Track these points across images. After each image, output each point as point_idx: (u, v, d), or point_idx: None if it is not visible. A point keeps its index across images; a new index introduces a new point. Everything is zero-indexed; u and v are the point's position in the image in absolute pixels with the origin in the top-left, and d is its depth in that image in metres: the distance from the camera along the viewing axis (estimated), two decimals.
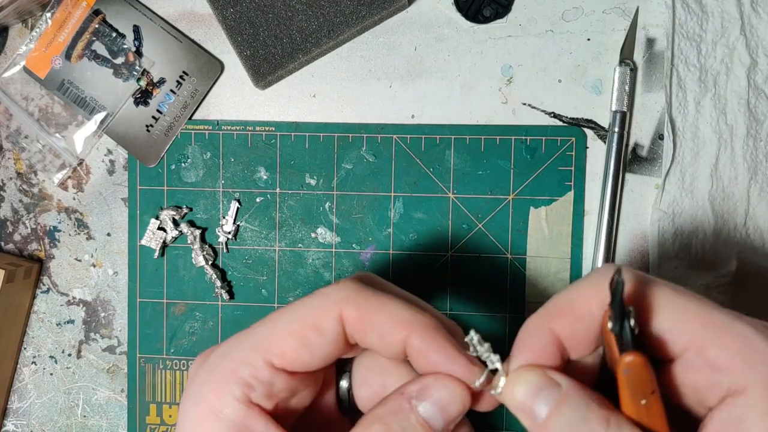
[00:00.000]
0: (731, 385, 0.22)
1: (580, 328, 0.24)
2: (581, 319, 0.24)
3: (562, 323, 0.24)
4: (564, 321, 0.24)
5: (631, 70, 0.42)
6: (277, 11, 0.42)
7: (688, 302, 0.23)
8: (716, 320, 0.22)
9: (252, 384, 0.24)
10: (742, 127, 0.41)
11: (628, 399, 0.22)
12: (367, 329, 0.24)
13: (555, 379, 0.23)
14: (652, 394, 0.22)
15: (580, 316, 0.24)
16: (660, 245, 0.42)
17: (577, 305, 0.24)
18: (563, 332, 0.24)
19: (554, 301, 0.25)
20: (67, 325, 0.46)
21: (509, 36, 0.43)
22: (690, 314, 0.23)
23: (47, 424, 0.47)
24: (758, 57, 0.41)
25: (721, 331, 0.22)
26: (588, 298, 0.24)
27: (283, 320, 0.24)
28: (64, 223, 0.46)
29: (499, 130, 0.43)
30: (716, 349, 0.22)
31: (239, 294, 0.45)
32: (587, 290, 0.24)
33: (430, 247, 0.44)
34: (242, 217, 0.45)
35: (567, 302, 0.24)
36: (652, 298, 0.23)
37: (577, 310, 0.24)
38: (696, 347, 0.22)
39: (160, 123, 0.45)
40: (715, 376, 0.22)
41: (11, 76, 0.45)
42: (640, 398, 0.22)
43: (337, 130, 0.44)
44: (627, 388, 0.22)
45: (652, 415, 0.22)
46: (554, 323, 0.24)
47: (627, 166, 0.43)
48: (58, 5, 0.44)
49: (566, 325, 0.24)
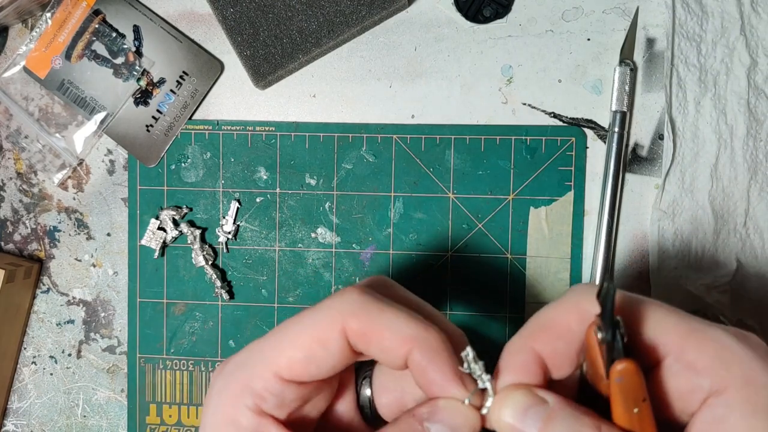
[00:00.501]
0: (712, 387, 0.22)
1: (561, 345, 0.24)
2: (562, 337, 0.24)
3: (543, 341, 0.24)
4: (545, 339, 0.24)
5: (631, 70, 0.42)
6: (277, 11, 0.42)
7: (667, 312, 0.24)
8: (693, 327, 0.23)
9: (263, 395, 0.25)
10: (742, 127, 0.41)
11: (620, 408, 0.22)
12: (370, 343, 0.24)
13: (541, 396, 0.24)
14: (644, 402, 0.22)
15: (560, 334, 0.24)
16: (660, 245, 0.42)
17: (556, 323, 0.24)
18: (544, 350, 0.24)
19: (534, 320, 0.25)
20: (67, 325, 0.46)
21: (509, 36, 0.43)
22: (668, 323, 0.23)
23: (47, 424, 0.47)
24: (758, 57, 0.41)
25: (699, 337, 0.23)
26: (567, 316, 0.24)
27: (290, 333, 0.25)
28: (64, 223, 0.46)
29: (499, 130, 0.43)
30: (695, 352, 0.23)
31: (239, 294, 0.45)
32: (565, 308, 0.25)
33: (430, 247, 0.44)
34: (242, 217, 0.45)
35: (547, 321, 0.25)
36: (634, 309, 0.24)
37: (556, 328, 0.24)
38: (675, 352, 0.23)
39: (160, 123, 0.45)
40: (695, 379, 0.23)
41: (11, 76, 0.45)
42: (633, 406, 0.22)
43: (337, 130, 0.44)
44: (619, 396, 0.22)
45: (643, 423, 0.22)
46: (535, 342, 0.24)
47: (627, 166, 0.43)
48: (58, 5, 0.44)
49: (547, 343, 0.24)
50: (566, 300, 0.25)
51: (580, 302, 0.24)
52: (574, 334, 0.24)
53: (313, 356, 0.24)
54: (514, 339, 0.25)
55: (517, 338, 0.25)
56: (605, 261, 0.42)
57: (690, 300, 0.42)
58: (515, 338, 0.25)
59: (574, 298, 0.24)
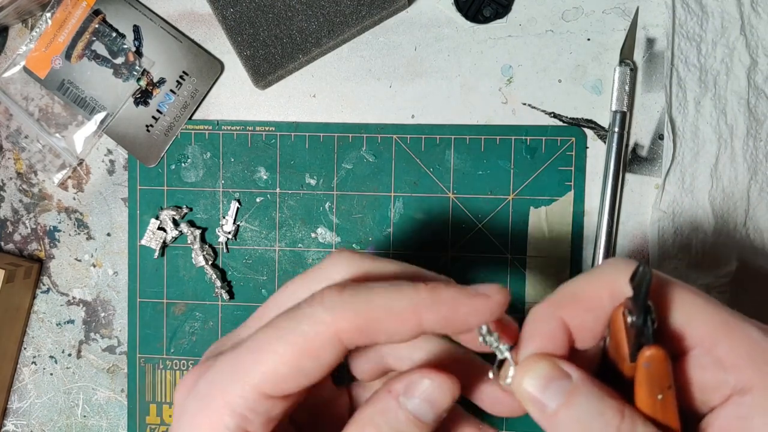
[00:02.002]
0: (737, 384, 0.22)
1: (589, 318, 0.24)
2: (591, 310, 0.24)
3: (572, 312, 0.24)
4: (574, 310, 0.24)
5: (631, 70, 0.42)
6: (277, 11, 0.42)
7: (701, 301, 0.23)
8: (727, 320, 0.23)
9: (247, 416, 0.23)
10: (742, 127, 0.41)
11: (645, 394, 0.22)
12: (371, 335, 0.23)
13: (566, 370, 0.23)
14: (669, 389, 0.22)
15: (590, 307, 0.24)
16: (660, 245, 0.42)
17: (587, 295, 0.24)
18: (572, 321, 0.24)
19: (564, 289, 0.25)
20: (67, 325, 0.46)
21: (509, 36, 0.43)
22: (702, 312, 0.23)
23: (47, 424, 0.47)
24: (758, 57, 0.41)
25: (731, 331, 0.22)
26: (599, 289, 0.24)
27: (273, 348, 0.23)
28: (64, 223, 0.46)
29: (499, 130, 0.43)
30: (725, 347, 0.22)
31: (239, 294, 0.45)
32: (599, 281, 0.24)
33: (430, 247, 0.44)
34: (242, 217, 0.45)
35: (578, 291, 0.24)
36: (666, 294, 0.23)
37: (587, 300, 0.24)
38: (706, 345, 0.22)
39: (160, 123, 0.45)
40: (722, 374, 0.22)
41: (11, 76, 0.45)
42: (657, 393, 0.22)
43: (337, 130, 0.44)
44: (645, 382, 0.22)
45: (666, 410, 0.22)
46: (564, 311, 0.24)
47: (627, 166, 0.43)
48: (58, 5, 0.44)
49: (576, 315, 0.24)
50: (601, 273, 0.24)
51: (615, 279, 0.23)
52: (605, 309, 0.23)
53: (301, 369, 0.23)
54: (541, 305, 0.25)
55: (545, 305, 0.24)
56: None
57: None
58: (543, 305, 0.24)
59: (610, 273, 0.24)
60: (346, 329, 0.23)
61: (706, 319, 0.23)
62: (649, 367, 0.22)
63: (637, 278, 0.22)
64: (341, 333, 0.23)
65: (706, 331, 0.22)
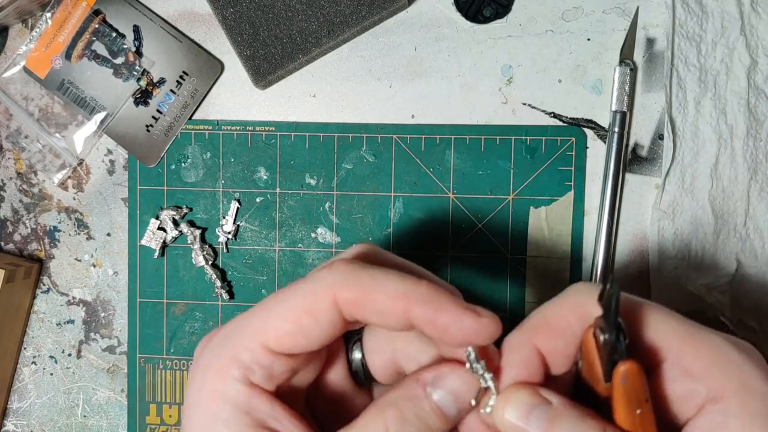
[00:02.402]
0: (709, 393, 0.22)
1: (560, 343, 0.24)
2: (561, 334, 0.24)
3: (544, 338, 0.24)
4: (545, 336, 0.24)
5: (631, 70, 0.42)
6: (277, 11, 0.42)
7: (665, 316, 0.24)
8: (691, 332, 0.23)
9: (251, 367, 0.24)
10: (742, 127, 0.41)
11: (624, 410, 0.22)
12: (365, 309, 0.24)
13: (546, 396, 0.23)
14: (646, 403, 0.22)
15: (560, 331, 0.24)
16: (660, 245, 0.42)
17: (557, 320, 0.24)
18: (545, 347, 0.24)
19: (534, 317, 0.25)
20: (67, 325, 0.46)
21: (509, 36, 0.43)
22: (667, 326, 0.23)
23: (47, 424, 0.47)
24: (758, 57, 0.41)
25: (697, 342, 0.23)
26: (567, 314, 0.24)
27: (278, 306, 0.25)
28: (64, 223, 0.46)
29: (499, 130, 0.43)
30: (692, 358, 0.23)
31: (239, 294, 0.45)
32: (567, 306, 0.25)
33: (430, 247, 0.44)
34: (242, 217, 0.45)
35: (547, 317, 0.25)
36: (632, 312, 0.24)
37: (557, 325, 0.24)
38: (673, 357, 0.23)
39: (160, 123, 0.45)
40: (692, 384, 0.23)
41: (11, 76, 0.45)
42: (636, 407, 0.22)
43: (337, 130, 0.44)
44: (623, 398, 0.22)
45: (645, 424, 0.22)
46: (536, 338, 0.24)
47: (627, 166, 0.43)
48: (58, 5, 0.44)
49: (548, 340, 0.24)
50: (567, 298, 0.25)
51: (581, 302, 0.24)
52: (574, 333, 0.24)
53: (302, 328, 0.24)
54: (514, 334, 0.25)
55: (518, 333, 0.25)
56: (605, 261, 0.42)
57: (690, 300, 0.42)
58: (516, 333, 0.25)
59: (576, 297, 0.24)
60: (344, 297, 0.24)
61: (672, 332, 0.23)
62: (625, 382, 0.22)
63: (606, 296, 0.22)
64: (339, 299, 0.24)
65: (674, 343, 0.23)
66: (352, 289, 0.24)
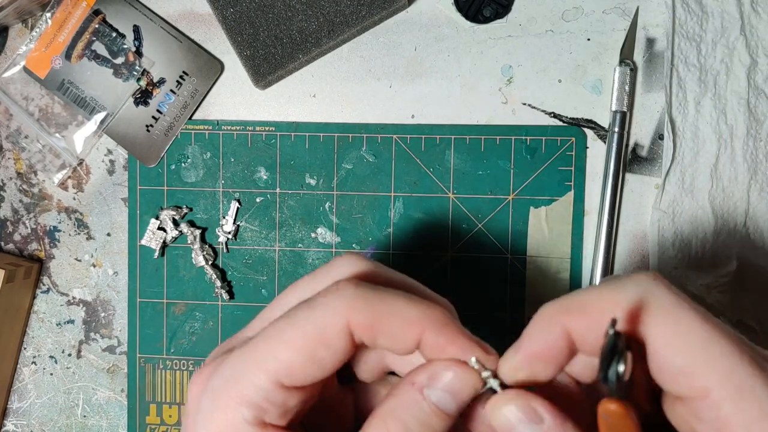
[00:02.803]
0: None
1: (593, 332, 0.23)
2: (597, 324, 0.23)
3: (577, 322, 0.23)
4: (579, 320, 0.23)
5: (631, 70, 0.42)
6: (277, 11, 0.42)
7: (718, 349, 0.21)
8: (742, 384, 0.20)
9: (264, 407, 0.23)
10: (742, 127, 0.41)
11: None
12: (378, 334, 0.23)
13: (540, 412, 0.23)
14: None
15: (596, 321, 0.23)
16: (660, 245, 0.42)
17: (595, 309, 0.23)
18: (576, 330, 0.23)
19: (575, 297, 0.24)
20: (67, 325, 0.46)
21: (509, 36, 0.43)
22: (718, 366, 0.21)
23: (47, 424, 0.47)
24: (758, 57, 0.41)
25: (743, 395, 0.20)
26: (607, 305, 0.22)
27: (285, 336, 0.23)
28: (64, 223, 0.46)
29: (499, 130, 0.43)
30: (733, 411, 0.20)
31: (239, 294, 0.45)
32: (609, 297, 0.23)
33: (430, 247, 0.44)
34: (242, 217, 0.45)
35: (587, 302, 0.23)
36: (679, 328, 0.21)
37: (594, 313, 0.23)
38: (711, 401, 0.21)
39: (160, 123, 0.45)
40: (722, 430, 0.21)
41: (11, 76, 0.45)
42: None
43: (337, 130, 0.44)
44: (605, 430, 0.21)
45: None
46: (569, 320, 0.23)
47: (627, 166, 0.43)
48: (58, 5, 0.44)
49: (580, 325, 0.23)
50: (615, 287, 0.23)
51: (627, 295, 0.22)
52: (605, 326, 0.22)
53: (316, 357, 0.23)
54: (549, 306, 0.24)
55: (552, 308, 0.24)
56: (605, 261, 0.42)
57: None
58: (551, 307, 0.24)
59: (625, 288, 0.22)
60: (358, 322, 0.23)
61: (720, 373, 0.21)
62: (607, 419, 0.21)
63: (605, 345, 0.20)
64: (353, 325, 0.23)
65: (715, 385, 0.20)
66: (365, 314, 0.23)
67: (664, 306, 0.22)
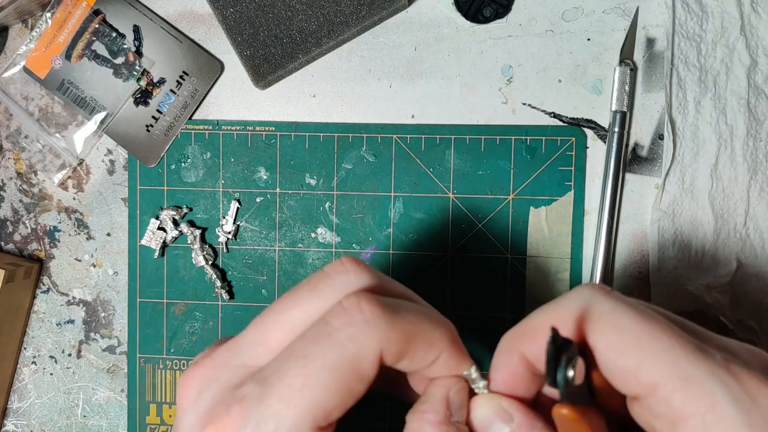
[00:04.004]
0: None
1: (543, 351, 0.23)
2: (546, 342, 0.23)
3: (529, 345, 0.24)
4: (530, 343, 0.24)
5: (631, 70, 0.42)
6: (277, 11, 0.42)
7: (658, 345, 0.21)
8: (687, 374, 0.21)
9: None
10: (742, 127, 0.41)
11: None
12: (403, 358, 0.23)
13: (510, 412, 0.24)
14: None
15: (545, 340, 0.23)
16: (660, 245, 0.42)
17: (542, 329, 0.23)
18: (530, 354, 0.24)
19: (525, 321, 0.25)
20: (67, 325, 0.46)
21: (509, 36, 0.43)
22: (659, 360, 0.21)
23: (47, 424, 0.47)
24: (758, 57, 0.41)
25: (689, 386, 0.20)
26: (553, 323, 0.23)
27: (322, 381, 0.21)
28: (64, 223, 0.46)
29: (499, 130, 0.43)
30: (682, 401, 0.20)
31: (239, 294, 0.45)
32: (554, 314, 0.24)
33: (430, 247, 0.44)
34: (242, 217, 0.45)
35: (536, 324, 0.24)
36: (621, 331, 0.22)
37: (542, 334, 0.23)
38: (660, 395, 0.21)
39: (160, 123, 0.45)
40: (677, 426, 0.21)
41: (11, 76, 0.45)
42: None
43: (337, 130, 0.44)
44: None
45: None
46: (522, 345, 0.24)
47: (627, 166, 0.43)
48: (58, 5, 0.44)
49: (533, 348, 0.24)
50: (559, 304, 0.24)
51: (572, 309, 0.23)
52: None
53: (351, 393, 0.22)
54: (505, 336, 0.25)
55: (507, 338, 0.25)
56: (605, 261, 0.42)
57: (690, 300, 0.42)
58: (506, 336, 0.25)
59: (568, 303, 0.23)
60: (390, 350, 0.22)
61: (662, 367, 0.21)
62: (561, 423, 0.22)
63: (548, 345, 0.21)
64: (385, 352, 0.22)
65: (662, 380, 0.21)
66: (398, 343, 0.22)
67: (603, 311, 0.22)
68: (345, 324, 0.22)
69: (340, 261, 0.25)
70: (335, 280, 0.24)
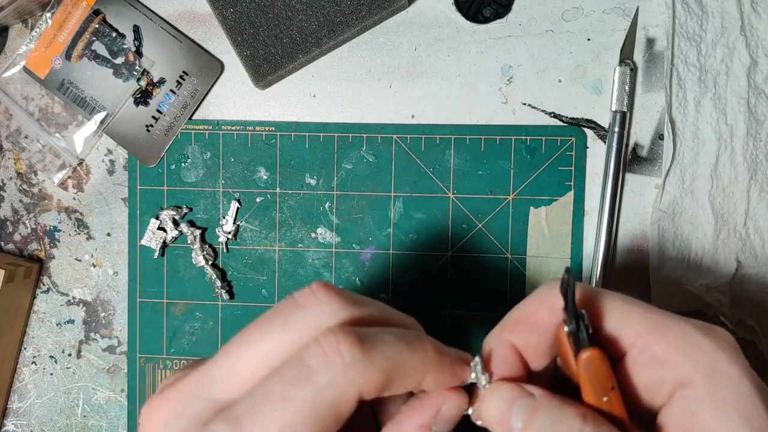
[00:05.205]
0: (677, 378, 0.22)
1: (534, 338, 0.25)
2: (534, 329, 0.25)
3: (518, 334, 0.25)
4: (518, 332, 0.25)
5: (631, 70, 0.42)
6: (277, 11, 0.42)
7: (631, 306, 0.24)
8: (658, 320, 0.23)
9: None
10: (742, 127, 0.41)
11: (591, 397, 0.23)
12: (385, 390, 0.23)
13: (529, 390, 0.24)
14: (613, 390, 0.23)
15: (532, 327, 0.25)
16: (660, 245, 0.42)
17: (529, 316, 0.25)
18: (519, 343, 0.25)
19: (509, 314, 0.26)
20: (67, 325, 0.46)
21: (509, 36, 0.43)
22: (633, 314, 0.24)
23: (47, 424, 0.47)
24: (758, 57, 0.41)
25: (664, 329, 0.23)
26: (538, 309, 0.25)
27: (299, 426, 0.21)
28: (64, 223, 0.46)
29: (499, 130, 0.43)
30: (659, 344, 0.23)
31: (239, 294, 0.45)
32: (536, 302, 0.25)
33: (430, 247, 0.44)
34: (242, 217, 0.45)
35: (520, 314, 0.26)
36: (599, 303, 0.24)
37: (529, 321, 0.25)
38: (640, 345, 0.23)
39: (160, 123, 0.45)
40: (661, 370, 0.23)
41: (11, 76, 0.45)
42: (602, 395, 0.23)
43: (337, 130, 0.44)
44: (588, 385, 0.23)
45: (614, 411, 0.23)
46: (510, 335, 0.25)
47: (627, 166, 0.43)
48: (58, 5, 0.44)
49: (521, 336, 0.25)
50: (537, 294, 0.25)
51: (549, 296, 0.25)
52: (546, 327, 0.25)
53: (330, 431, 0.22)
54: (491, 332, 0.26)
55: (494, 331, 0.26)
56: (605, 261, 0.42)
57: (690, 300, 0.42)
58: (492, 332, 0.26)
59: (545, 292, 0.25)
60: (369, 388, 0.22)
61: (638, 319, 0.24)
62: (588, 369, 0.23)
63: (562, 286, 0.23)
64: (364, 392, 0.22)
65: (640, 330, 0.23)
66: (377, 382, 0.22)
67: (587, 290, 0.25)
68: (324, 367, 0.21)
69: (310, 289, 0.24)
70: (307, 312, 0.23)
